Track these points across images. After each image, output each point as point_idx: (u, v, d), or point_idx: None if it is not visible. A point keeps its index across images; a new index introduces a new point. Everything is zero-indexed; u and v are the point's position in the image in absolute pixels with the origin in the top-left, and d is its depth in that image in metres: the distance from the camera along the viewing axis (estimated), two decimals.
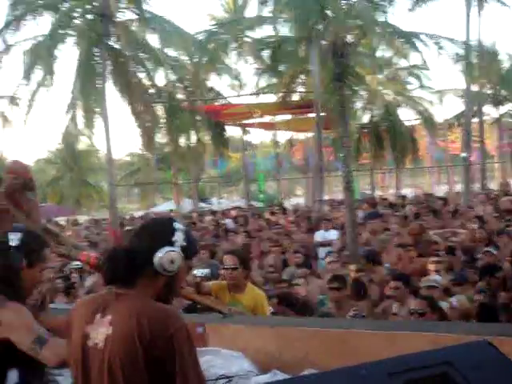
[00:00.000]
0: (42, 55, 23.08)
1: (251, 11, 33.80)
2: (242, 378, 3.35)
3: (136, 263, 2.52)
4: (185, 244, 2.60)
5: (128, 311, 2.43)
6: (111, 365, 2.40)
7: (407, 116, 34.31)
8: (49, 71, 23.87)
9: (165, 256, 2.51)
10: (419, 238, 11.68)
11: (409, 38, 17.76)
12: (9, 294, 3.05)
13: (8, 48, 23.94)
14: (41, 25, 23.68)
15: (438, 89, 36.22)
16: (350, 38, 16.26)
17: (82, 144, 40.76)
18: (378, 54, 28.20)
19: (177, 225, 2.64)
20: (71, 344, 2.59)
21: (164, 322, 2.40)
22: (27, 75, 24.27)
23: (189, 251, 2.65)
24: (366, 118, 33.31)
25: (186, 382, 2.36)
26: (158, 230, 2.63)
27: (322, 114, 22.92)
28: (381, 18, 16.66)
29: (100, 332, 2.46)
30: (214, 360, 3.55)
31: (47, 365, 3.00)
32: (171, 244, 2.56)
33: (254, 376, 3.41)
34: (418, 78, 34.11)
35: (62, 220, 28.70)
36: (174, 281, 2.62)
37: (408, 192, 34.00)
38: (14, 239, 3.14)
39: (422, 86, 34.60)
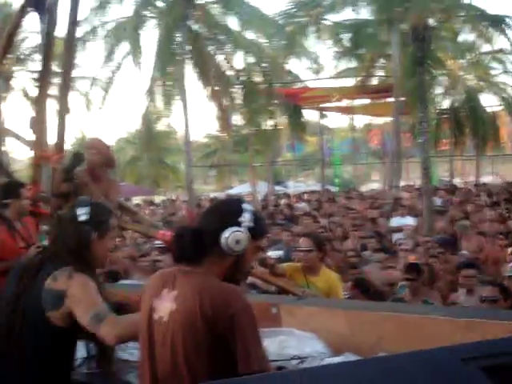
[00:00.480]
0: (125, 36, 23.45)
1: None
2: (315, 359, 3.36)
3: (203, 243, 2.56)
4: (252, 225, 2.60)
5: (192, 288, 2.47)
6: (173, 339, 2.45)
7: (489, 102, 33.47)
8: (132, 51, 24.26)
9: (231, 236, 2.52)
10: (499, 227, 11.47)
11: (494, 22, 17.26)
12: (79, 266, 3.10)
13: (94, 30, 24.45)
14: (124, 6, 23.97)
15: None
16: (432, 22, 15.97)
17: (161, 125, 41.30)
18: (461, 38, 27.55)
19: (245, 206, 2.65)
20: (140, 317, 2.66)
21: (226, 302, 2.42)
22: (109, 56, 24.74)
23: (257, 232, 2.65)
24: (446, 104, 32.67)
25: (247, 363, 2.36)
26: (226, 211, 2.66)
27: (400, 99, 22.61)
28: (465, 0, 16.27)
29: (165, 306, 2.52)
30: (287, 340, 3.56)
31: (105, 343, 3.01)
32: (238, 224, 2.57)
33: (326, 357, 3.41)
34: (501, 63, 33.09)
35: (139, 200, 29.25)
36: (240, 261, 2.63)
37: (488, 180, 33.22)
38: (82, 214, 3.18)
39: (506, 72, 33.56)
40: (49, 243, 3.24)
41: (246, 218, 2.60)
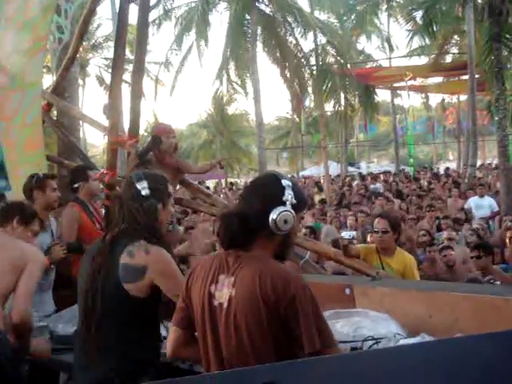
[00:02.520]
0: (195, 20, 23.62)
1: None
2: (390, 340, 3.33)
3: (250, 227, 2.55)
4: (295, 201, 2.58)
5: (250, 272, 2.47)
6: (237, 324, 2.46)
7: None
8: (202, 36, 24.42)
9: (279, 217, 2.51)
10: None
11: None
12: (153, 239, 3.16)
13: (166, 14, 24.71)
14: None
15: None
16: None
17: (232, 108, 41.54)
18: None
19: (285, 182, 2.61)
20: (193, 303, 2.65)
21: (286, 283, 2.41)
22: (180, 40, 24.97)
23: (300, 205, 2.63)
24: None
25: (312, 342, 2.35)
26: (268, 191, 2.61)
27: (476, 76, 22.11)
28: None
29: (224, 292, 2.52)
30: (362, 321, 3.54)
31: None
32: (283, 203, 2.55)
33: (402, 338, 3.38)
34: None
35: (213, 182, 29.52)
36: (288, 237, 2.63)
37: None
38: (143, 188, 3.22)
39: None
40: (114, 223, 3.27)
41: (289, 196, 2.57)
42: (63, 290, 4.94)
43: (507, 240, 8.51)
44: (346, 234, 7.69)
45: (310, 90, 28.78)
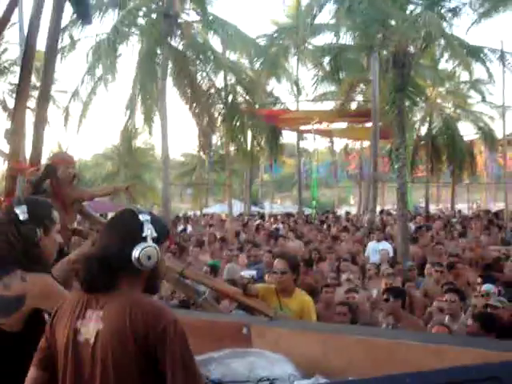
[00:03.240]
0: (105, 52, 23.37)
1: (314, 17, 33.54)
2: (284, 381, 3.33)
3: (112, 267, 2.47)
4: (155, 234, 2.54)
5: (120, 305, 2.40)
6: (103, 360, 2.37)
7: (466, 130, 33.88)
8: (111, 67, 24.18)
9: (141, 254, 2.47)
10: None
11: (474, 52, 17.45)
12: (29, 267, 3.04)
13: (73, 44, 24.37)
14: (104, 22, 23.83)
15: (500, 104, 35.48)
16: (412, 49, 16.11)
17: (139, 141, 41.26)
18: (440, 66, 27.85)
19: (142, 216, 2.57)
20: (57, 342, 2.54)
21: (158, 315, 2.37)
22: (91, 71, 24.65)
23: (161, 237, 2.59)
24: (423, 130, 33.01)
25: (174, 377, 2.30)
26: (127, 229, 2.55)
27: (379, 124, 22.79)
28: (446, 29, 16.41)
29: (91, 327, 2.43)
30: (257, 361, 3.52)
31: None
32: (144, 240, 2.51)
33: (297, 380, 3.38)
34: (480, 92, 33.48)
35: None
36: (156, 271, 2.57)
37: (463, 207, 33.53)
38: (21, 213, 3.12)
39: (484, 101, 33.97)
40: None
41: (148, 231, 2.53)
42: None
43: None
44: (246, 273, 7.69)
45: (218, 127, 28.92)
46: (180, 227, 23.14)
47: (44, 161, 6.53)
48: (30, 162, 6.24)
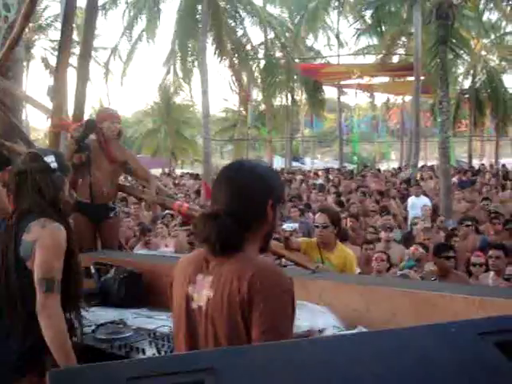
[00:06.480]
0: (145, 7, 23.33)
1: None
2: (327, 332, 3.36)
3: (244, 225, 2.29)
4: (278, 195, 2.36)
5: (230, 273, 2.23)
6: (215, 328, 2.24)
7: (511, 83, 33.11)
8: (152, 23, 24.15)
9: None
10: None
11: None
12: (55, 216, 3.16)
13: (114, 0, 24.37)
14: None
15: None
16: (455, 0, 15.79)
17: (179, 97, 41.26)
18: (484, 17, 27.19)
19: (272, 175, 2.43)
20: (174, 304, 2.44)
21: (272, 282, 2.18)
22: (130, 27, 24.67)
23: (281, 198, 2.41)
24: (466, 84, 32.39)
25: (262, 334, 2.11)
26: (258, 188, 2.34)
27: (421, 78, 22.45)
28: None
29: (203, 294, 2.30)
30: (300, 313, 3.56)
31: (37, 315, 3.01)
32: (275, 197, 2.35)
33: (339, 331, 3.42)
34: None
35: (156, 172, 29.29)
36: (272, 228, 2.40)
37: (508, 162, 32.98)
38: (52, 162, 3.24)
39: None
40: (18, 201, 3.24)
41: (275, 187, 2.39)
42: None
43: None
44: (287, 226, 7.66)
45: (257, 82, 28.79)
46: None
47: (86, 117, 6.57)
48: (72, 119, 6.29)
